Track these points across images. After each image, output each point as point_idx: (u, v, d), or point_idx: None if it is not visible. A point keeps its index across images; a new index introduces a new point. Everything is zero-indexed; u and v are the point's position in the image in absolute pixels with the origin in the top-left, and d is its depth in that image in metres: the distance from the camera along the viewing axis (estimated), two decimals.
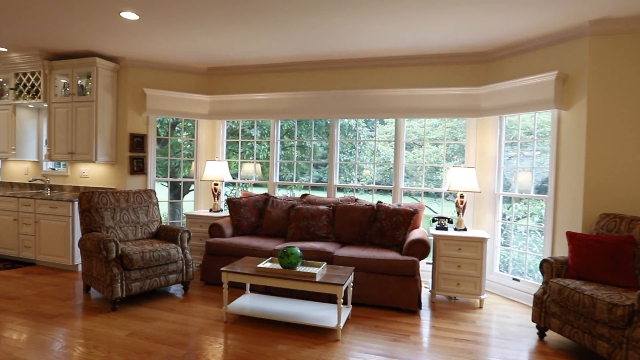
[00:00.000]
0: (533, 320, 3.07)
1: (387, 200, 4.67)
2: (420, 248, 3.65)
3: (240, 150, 5.75)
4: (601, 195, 3.37)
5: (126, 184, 5.06)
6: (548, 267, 3.07)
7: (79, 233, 4.48)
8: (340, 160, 5.18)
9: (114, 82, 5.04)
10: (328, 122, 5.46)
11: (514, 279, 4.06)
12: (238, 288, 4.10)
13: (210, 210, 5.05)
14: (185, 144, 5.83)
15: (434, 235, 3.92)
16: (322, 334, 3.07)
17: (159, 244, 3.81)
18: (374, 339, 3.02)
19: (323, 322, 3.08)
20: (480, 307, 3.77)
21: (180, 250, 3.88)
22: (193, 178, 5.55)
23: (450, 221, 4.13)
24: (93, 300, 3.71)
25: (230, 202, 4.59)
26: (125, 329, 3.07)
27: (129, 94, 5.04)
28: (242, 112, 5.26)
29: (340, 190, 5.53)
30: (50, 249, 4.70)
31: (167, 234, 4.05)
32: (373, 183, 5.43)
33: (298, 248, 3.23)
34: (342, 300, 3.05)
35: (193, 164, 5.54)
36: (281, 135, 5.59)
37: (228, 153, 7.08)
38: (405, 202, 4.50)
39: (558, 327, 2.85)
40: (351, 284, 3.44)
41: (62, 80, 5.07)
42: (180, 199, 7.68)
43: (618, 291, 2.63)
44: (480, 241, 3.75)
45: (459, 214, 4.07)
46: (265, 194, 4.83)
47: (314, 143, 5.51)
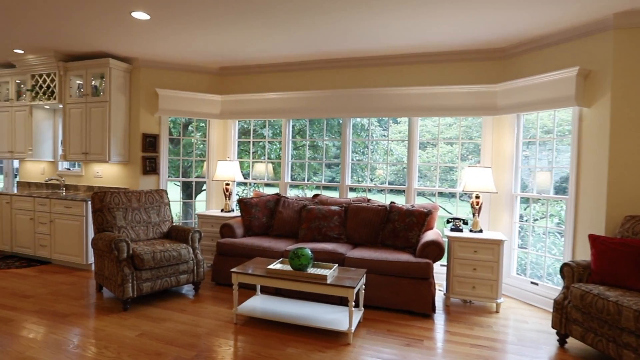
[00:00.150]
0: (553, 327, 2.95)
1: (400, 201, 4.57)
2: (435, 250, 3.56)
3: (252, 150, 5.73)
4: (625, 197, 3.22)
5: (139, 183, 5.09)
6: (569, 272, 2.94)
7: (93, 232, 4.51)
8: (352, 160, 5.11)
9: (127, 83, 5.07)
10: (340, 122, 5.40)
11: (532, 282, 3.92)
12: (249, 289, 4.07)
13: (222, 210, 5.04)
14: (198, 143, 5.84)
15: (449, 237, 3.82)
16: (333, 338, 3.01)
17: (170, 244, 3.81)
18: (386, 344, 2.94)
19: (334, 326, 3.02)
20: (497, 312, 3.65)
21: (191, 250, 3.87)
22: (205, 178, 5.55)
23: (465, 222, 4.02)
24: (105, 299, 3.73)
25: (241, 202, 4.56)
26: (136, 329, 3.06)
27: (141, 94, 5.07)
28: (254, 112, 5.23)
29: (353, 190, 5.45)
30: (65, 248, 4.75)
31: (178, 234, 4.05)
32: (386, 183, 5.34)
33: (309, 249, 3.18)
34: (354, 303, 2.98)
35: (205, 164, 5.55)
36: (293, 135, 5.56)
37: (240, 153, 7.08)
38: (419, 203, 4.40)
39: (580, 335, 2.73)
40: (363, 286, 3.37)
41: (77, 82, 5.13)
42: (193, 199, 7.72)
43: None
44: (497, 243, 3.63)
45: (474, 215, 3.95)
46: (276, 194, 4.80)
47: (326, 143, 5.46)
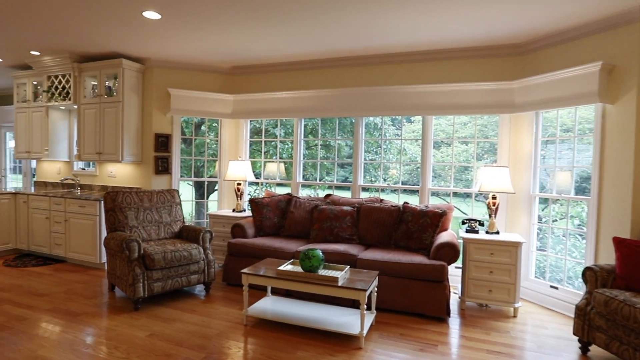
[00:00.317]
0: (575, 334, 2.82)
1: (414, 201, 4.47)
2: (449, 252, 3.45)
3: (263, 149, 5.70)
4: None
5: (151, 183, 5.11)
6: (592, 276, 2.81)
7: (106, 232, 4.54)
8: (365, 160, 5.03)
9: (140, 83, 5.10)
10: (353, 121, 5.32)
11: (551, 286, 3.78)
12: (260, 290, 4.04)
13: (233, 210, 5.02)
14: (211, 143, 5.84)
15: (464, 239, 3.70)
16: (345, 341, 2.94)
17: (180, 244, 3.80)
18: (399, 348, 2.86)
19: (345, 329, 2.95)
20: (515, 316, 3.52)
21: (202, 250, 3.85)
22: (217, 178, 5.54)
23: (481, 223, 3.90)
24: (117, 299, 3.74)
25: (252, 202, 4.53)
26: (146, 330, 3.05)
27: (154, 94, 5.09)
28: (265, 111, 5.20)
29: (366, 190, 5.37)
30: (79, 247, 4.80)
31: (190, 234, 4.04)
32: (399, 183, 5.24)
33: (320, 250, 3.12)
34: (366, 305, 2.91)
35: (217, 164, 5.54)
36: (305, 135, 5.51)
37: (252, 153, 7.07)
38: (433, 203, 4.30)
39: (604, 343, 2.60)
40: (375, 288, 3.29)
41: (92, 82, 5.18)
42: (205, 199, 7.75)
43: None
44: (515, 245, 3.51)
45: (490, 216, 3.83)
46: (288, 194, 4.75)
47: (339, 142, 5.39)
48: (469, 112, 4.22)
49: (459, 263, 4.38)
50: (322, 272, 3.12)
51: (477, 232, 3.81)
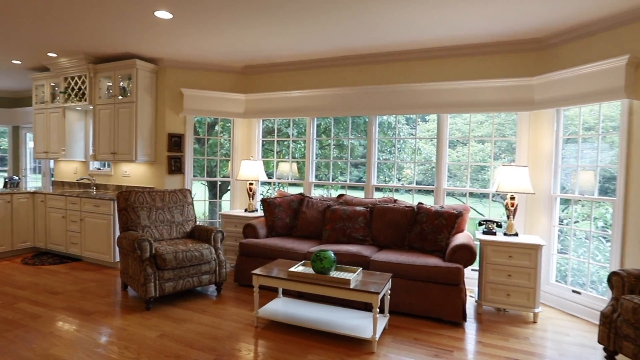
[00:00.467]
0: (599, 342, 2.68)
1: (429, 202, 4.36)
2: (465, 254, 3.34)
3: (276, 149, 5.66)
4: None
5: (164, 183, 5.13)
6: (618, 281, 2.66)
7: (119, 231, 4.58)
8: (379, 159, 4.94)
9: (153, 83, 5.12)
10: (366, 120, 5.24)
11: (573, 291, 3.62)
12: (271, 290, 4.00)
13: (246, 210, 4.99)
14: (224, 143, 5.84)
15: (481, 241, 3.58)
16: (357, 345, 2.87)
17: (192, 244, 3.79)
18: (412, 354, 2.77)
19: (357, 333, 2.88)
20: (534, 322, 3.39)
21: (214, 250, 3.83)
22: (230, 178, 5.53)
23: (499, 225, 3.77)
24: (130, 298, 3.75)
25: (264, 202, 4.50)
26: (157, 330, 3.04)
27: (167, 94, 5.11)
28: (278, 110, 5.16)
29: (379, 190, 5.28)
30: (94, 246, 4.86)
31: (201, 234, 4.02)
32: (413, 183, 5.13)
33: (332, 252, 3.05)
34: (379, 308, 2.84)
35: (230, 164, 5.53)
36: (318, 134, 5.45)
37: (266, 152, 7.05)
38: (448, 204, 4.18)
39: (632, 353, 2.45)
40: (389, 291, 3.20)
41: (107, 83, 5.23)
42: (219, 199, 7.77)
43: None
44: (535, 248, 3.37)
45: (509, 217, 3.70)
46: (300, 194, 4.70)
47: (352, 141, 5.33)
48: (486, 110, 4.09)
49: (475, 265, 4.25)
50: (334, 274, 3.05)
51: (495, 234, 3.68)
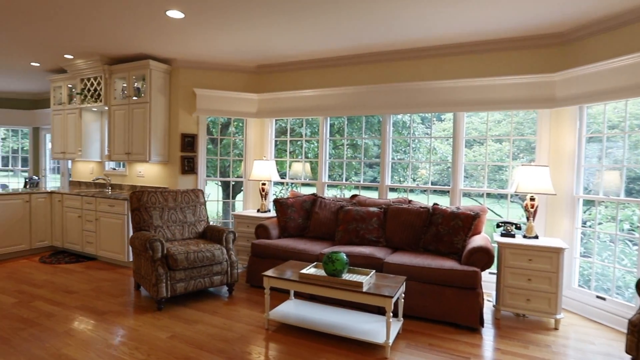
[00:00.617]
0: (627, 352, 2.53)
1: (444, 202, 4.25)
2: (483, 257, 3.23)
3: (289, 149, 5.62)
4: None
5: (177, 183, 5.15)
6: None
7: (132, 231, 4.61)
8: (393, 159, 4.84)
9: (167, 84, 5.14)
10: (380, 119, 5.15)
11: (597, 296, 3.46)
12: (283, 292, 3.95)
13: (258, 210, 4.97)
14: (237, 143, 5.83)
15: (499, 243, 3.46)
16: (369, 350, 2.79)
17: (204, 244, 3.77)
18: None
19: (370, 337, 2.80)
20: (556, 329, 3.25)
21: (225, 251, 3.81)
22: (242, 178, 5.52)
23: (518, 227, 3.64)
24: (142, 298, 3.76)
25: (277, 203, 4.46)
26: (168, 331, 3.03)
27: (180, 94, 5.12)
28: (290, 110, 5.11)
29: (394, 190, 5.19)
30: (109, 245, 4.90)
31: (213, 235, 4.01)
32: (429, 183, 5.01)
33: (344, 254, 2.98)
34: (392, 312, 2.76)
35: (242, 164, 5.52)
36: (331, 134, 5.39)
37: (280, 152, 7.02)
38: (465, 205, 4.06)
39: None
40: (402, 294, 3.12)
41: (122, 84, 5.28)
42: (233, 199, 7.78)
43: None
44: (556, 251, 3.23)
45: (528, 219, 3.56)
46: (313, 195, 4.64)
47: (366, 141, 5.25)
48: (505, 108, 3.95)
49: (493, 269, 4.12)
50: (346, 277, 2.99)
51: (514, 236, 3.55)
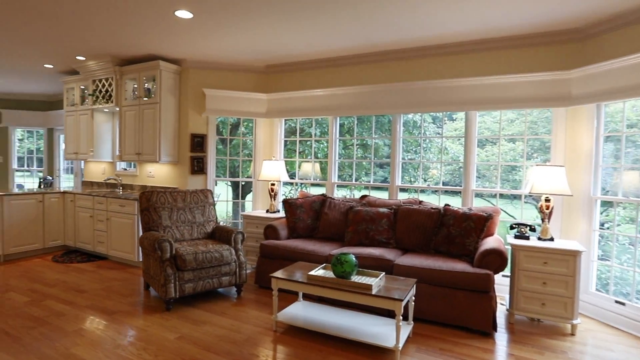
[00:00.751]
0: None
1: (456, 203, 4.16)
2: (496, 260, 3.14)
3: (298, 149, 5.59)
4: None
5: (187, 183, 5.16)
6: None
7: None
8: (403, 159, 4.77)
9: (176, 84, 5.16)
10: (390, 119, 5.08)
11: (617, 301, 3.34)
12: (291, 293, 3.92)
13: (267, 210, 4.94)
14: (247, 143, 5.82)
15: (513, 245, 3.37)
16: (379, 353, 2.74)
17: (212, 244, 3.76)
18: None
19: (379, 341, 2.75)
20: (572, 334, 3.14)
21: (234, 252, 3.79)
22: (252, 178, 5.51)
23: (532, 229, 3.54)
24: (151, 298, 3.76)
25: (286, 203, 4.43)
26: (176, 332, 3.02)
27: (189, 94, 5.13)
28: (300, 110, 5.08)
29: (404, 191, 5.11)
30: (120, 245, 4.94)
31: (222, 235, 3.99)
32: (440, 184, 4.92)
33: (353, 255, 2.94)
34: (402, 316, 2.70)
35: (252, 164, 5.51)
36: (341, 134, 5.34)
37: (290, 153, 6.99)
38: (477, 206, 3.97)
39: None
40: (413, 297, 3.05)
41: (133, 85, 5.32)
42: (243, 199, 7.78)
43: None
44: (573, 254, 3.12)
45: (543, 220, 3.46)
46: (322, 195, 4.60)
47: (376, 141, 5.18)
48: (519, 106, 3.85)
49: (506, 271, 4.03)
50: (355, 279, 2.93)
51: (528, 238, 3.45)
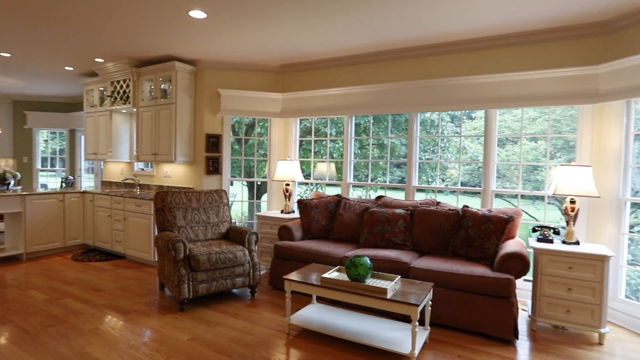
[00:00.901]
0: None
1: (475, 204, 4.04)
2: (518, 264, 3.01)
3: (313, 149, 5.54)
4: None
5: (202, 183, 5.18)
6: None
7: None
8: (421, 159, 4.66)
9: (192, 84, 5.18)
10: (407, 117, 4.96)
11: None
12: (305, 295, 3.87)
13: (282, 211, 4.91)
14: (263, 144, 5.81)
15: (535, 249, 3.22)
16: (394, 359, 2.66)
17: (226, 245, 3.74)
18: None
19: (395, 346, 2.66)
20: (600, 343, 2.98)
21: (247, 252, 3.76)
22: (267, 178, 5.49)
23: (556, 232, 3.39)
24: (166, 298, 3.78)
25: (300, 203, 4.38)
26: (189, 333, 3.01)
27: (205, 95, 5.14)
28: (315, 109, 5.03)
29: (421, 191, 5.00)
30: (136, 245, 4.99)
31: (236, 236, 3.98)
32: (458, 184, 4.79)
33: (368, 258, 2.86)
34: (419, 320, 2.61)
35: (267, 164, 5.49)
36: (357, 134, 5.26)
37: (305, 152, 6.95)
38: (497, 207, 3.83)
39: None
40: (430, 302, 2.95)
41: (149, 86, 5.37)
42: (258, 199, 7.79)
43: None
44: (601, 259, 2.97)
45: (568, 223, 3.30)
46: (337, 196, 4.54)
47: (393, 141, 5.09)
48: (541, 104, 3.70)
49: (528, 276, 3.87)
50: (370, 282, 2.86)
51: (552, 242, 3.31)
